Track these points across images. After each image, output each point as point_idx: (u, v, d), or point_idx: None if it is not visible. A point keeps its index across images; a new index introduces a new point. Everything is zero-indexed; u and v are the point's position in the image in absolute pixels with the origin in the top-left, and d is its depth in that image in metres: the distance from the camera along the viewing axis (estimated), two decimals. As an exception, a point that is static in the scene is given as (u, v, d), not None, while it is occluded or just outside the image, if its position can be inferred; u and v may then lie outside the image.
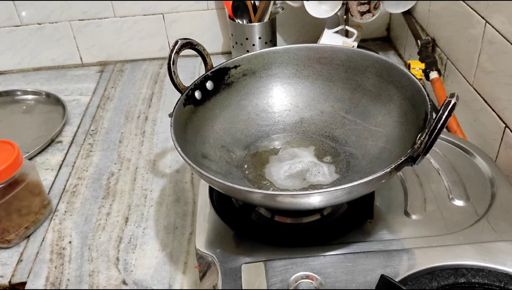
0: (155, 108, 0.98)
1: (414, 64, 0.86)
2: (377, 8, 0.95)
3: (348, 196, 0.48)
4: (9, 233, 0.67)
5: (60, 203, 0.75)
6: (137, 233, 0.69)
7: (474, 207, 0.56)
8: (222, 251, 0.52)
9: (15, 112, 1.00)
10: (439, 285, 0.46)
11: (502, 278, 0.47)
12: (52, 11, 1.10)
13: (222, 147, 0.62)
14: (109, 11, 1.11)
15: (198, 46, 0.61)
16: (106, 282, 0.62)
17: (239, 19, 1.02)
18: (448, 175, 0.61)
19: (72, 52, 1.16)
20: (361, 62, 0.63)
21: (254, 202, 0.53)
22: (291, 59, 0.66)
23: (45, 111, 1.00)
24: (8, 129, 0.95)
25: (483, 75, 0.72)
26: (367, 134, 0.62)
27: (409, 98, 0.57)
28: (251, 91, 0.67)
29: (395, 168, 0.46)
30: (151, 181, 0.78)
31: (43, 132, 0.92)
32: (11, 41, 1.13)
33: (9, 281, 0.64)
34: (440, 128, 0.45)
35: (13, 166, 0.64)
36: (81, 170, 0.82)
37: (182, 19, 1.13)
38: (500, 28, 0.66)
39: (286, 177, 0.60)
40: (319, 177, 0.59)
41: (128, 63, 1.17)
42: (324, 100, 0.66)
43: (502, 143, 0.68)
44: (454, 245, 0.51)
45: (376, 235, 0.53)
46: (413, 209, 0.57)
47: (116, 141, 0.89)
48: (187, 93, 0.60)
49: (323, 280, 0.48)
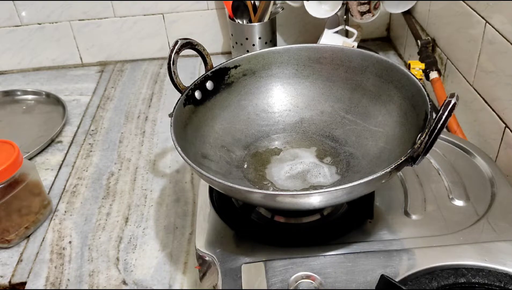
0: (155, 108, 0.98)
1: (414, 64, 0.86)
2: (377, 8, 0.95)
3: (348, 196, 0.48)
4: (9, 233, 0.67)
5: (60, 203, 0.76)
6: (137, 233, 0.69)
7: (474, 207, 0.56)
8: (222, 251, 0.52)
9: (15, 112, 1.00)
10: (439, 285, 0.46)
11: (502, 278, 0.47)
12: (52, 11, 1.10)
13: (222, 147, 0.62)
14: (109, 11, 1.11)
15: (198, 46, 0.61)
16: (106, 282, 0.62)
17: (239, 19, 1.02)
18: (448, 175, 0.61)
19: (72, 52, 1.16)
20: (361, 62, 0.63)
21: (254, 202, 0.53)
22: (291, 59, 0.66)
23: (45, 111, 0.99)
24: (8, 129, 0.95)
25: (483, 75, 0.72)
26: (367, 134, 0.62)
27: (409, 98, 0.57)
28: (251, 91, 0.67)
29: (395, 168, 0.46)
30: (151, 181, 0.78)
31: (43, 132, 0.92)
32: (11, 41, 1.13)
33: (9, 281, 0.64)
34: (440, 128, 0.45)
35: (13, 166, 0.64)
36: (81, 170, 0.82)
37: (182, 19, 1.13)
38: (500, 28, 0.66)
39: (287, 177, 0.60)
40: (320, 178, 0.59)
41: (128, 63, 1.17)
42: (324, 100, 0.66)
43: (502, 143, 0.68)
44: (454, 245, 0.51)
45: (376, 235, 0.53)
46: (413, 209, 0.57)
47: (116, 141, 0.89)
48: (187, 93, 0.60)
49: (323, 280, 0.48)
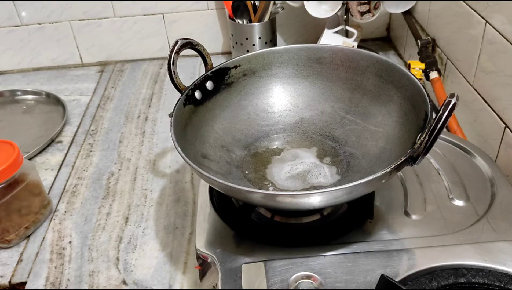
0: (155, 108, 0.98)
1: (414, 64, 0.86)
2: (377, 8, 0.95)
3: (348, 196, 0.48)
4: (9, 233, 0.67)
5: (60, 203, 0.75)
6: (137, 233, 0.69)
7: (474, 207, 0.56)
8: (222, 251, 0.52)
9: (15, 112, 1.00)
10: (439, 285, 0.46)
11: (502, 278, 0.47)
12: (52, 11, 1.10)
13: (222, 147, 0.62)
14: (109, 11, 1.11)
15: (198, 46, 0.61)
16: (106, 282, 0.62)
17: (239, 19, 1.02)
18: (448, 175, 0.61)
19: (72, 52, 1.16)
20: (361, 62, 0.63)
21: (254, 202, 0.53)
22: (291, 59, 0.66)
23: (45, 111, 0.99)
24: (8, 129, 0.95)
25: (483, 75, 0.72)
26: (367, 134, 0.62)
27: (409, 98, 0.57)
28: (251, 91, 0.67)
29: (395, 168, 0.46)
30: (151, 181, 0.78)
31: (43, 132, 0.92)
32: (11, 41, 1.13)
33: (9, 281, 0.64)
34: (440, 128, 0.45)
35: (13, 166, 0.64)
36: (81, 170, 0.82)
37: (182, 19, 1.13)
38: (500, 28, 0.66)
39: (287, 178, 0.60)
40: (320, 178, 0.59)
41: (128, 63, 1.17)
42: (324, 100, 0.66)
43: (502, 143, 0.68)
44: (454, 245, 0.51)
45: (376, 235, 0.53)
46: (413, 209, 0.57)
47: (116, 141, 0.89)
48: (187, 93, 0.60)
49: (323, 280, 0.48)
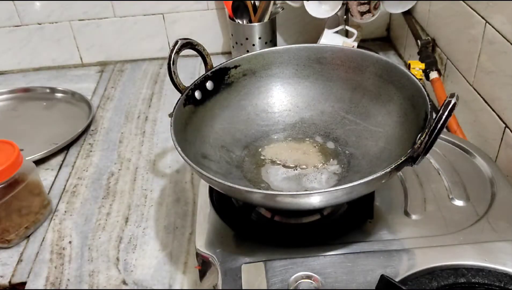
0: (155, 108, 0.98)
1: (414, 64, 0.86)
2: (377, 8, 0.95)
3: (348, 196, 0.48)
4: (9, 233, 0.67)
5: (60, 203, 0.75)
6: (137, 233, 0.69)
7: (474, 207, 0.56)
8: (222, 251, 0.52)
9: (36, 108, 1.00)
10: (439, 285, 0.46)
11: (502, 278, 0.47)
12: (52, 11, 1.10)
13: (222, 147, 0.62)
14: (109, 11, 1.11)
15: (198, 46, 0.61)
16: (106, 282, 0.62)
17: (239, 19, 1.02)
18: (448, 175, 0.61)
19: (72, 52, 1.16)
20: (361, 62, 0.63)
21: (254, 202, 0.53)
22: (291, 59, 0.66)
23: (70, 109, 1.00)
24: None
25: (483, 75, 0.72)
26: (367, 134, 0.62)
27: (409, 98, 0.57)
28: (251, 91, 0.67)
29: (395, 168, 0.46)
30: (151, 181, 0.78)
31: (68, 127, 0.92)
32: (11, 41, 1.13)
33: (9, 281, 0.64)
34: (440, 128, 0.45)
35: (13, 166, 0.64)
36: (81, 170, 0.82)
37: (182, 19, 1.13)
38: (500, 28, 0.66)
39: (282, 179, 0.60)
40: (314, 183, 0.59)
41: (128, 63, 1.17)
42: (324, 100, 0.66)
43: (502, 143, 0.68)
44: (454, 245, 0.51)
45: (376, 235, 0.53)
46: (413, 209, 0.56)
47: (116, 141, 0.89)
48: (187, 93, 0.60)
49: (323, 280, 0.48)
